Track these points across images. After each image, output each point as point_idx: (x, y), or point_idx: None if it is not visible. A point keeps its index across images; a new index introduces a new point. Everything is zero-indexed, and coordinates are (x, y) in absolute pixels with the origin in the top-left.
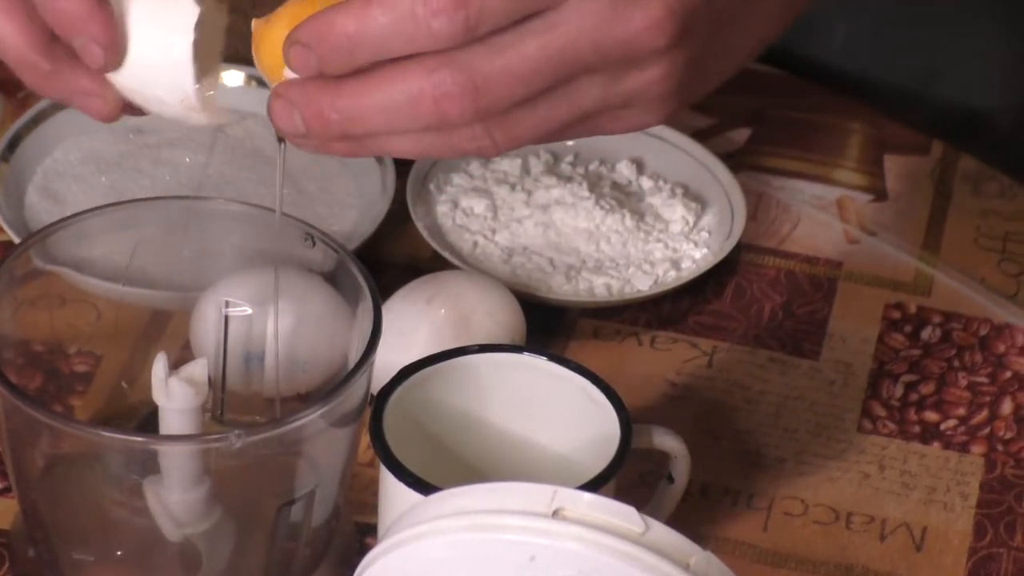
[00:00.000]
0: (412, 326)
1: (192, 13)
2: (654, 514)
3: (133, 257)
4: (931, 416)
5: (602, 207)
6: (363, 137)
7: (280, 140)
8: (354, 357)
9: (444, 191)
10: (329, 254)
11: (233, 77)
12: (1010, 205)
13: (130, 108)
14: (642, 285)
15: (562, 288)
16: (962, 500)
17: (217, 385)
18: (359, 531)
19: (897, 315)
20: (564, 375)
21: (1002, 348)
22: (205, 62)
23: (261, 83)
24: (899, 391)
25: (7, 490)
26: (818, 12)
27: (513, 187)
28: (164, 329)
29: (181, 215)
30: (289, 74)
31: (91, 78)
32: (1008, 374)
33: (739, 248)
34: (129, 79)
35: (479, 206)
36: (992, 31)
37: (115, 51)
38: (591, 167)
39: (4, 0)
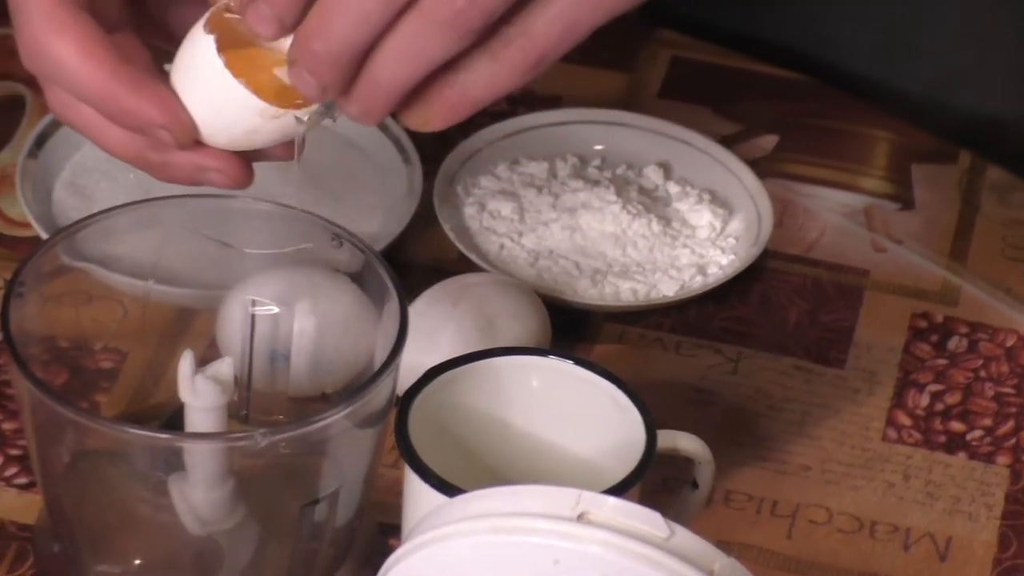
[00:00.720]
0: (437, 328)
1: (208, 43)
2: (678, 520)
3: (160, 255)
4: (956, 426)
5: (629, 211)
6: (368, 69)
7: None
8: (380, 358)
9: (471, 193)
10: (356, 254)
11: None
12: None
13: (266, 156)
14: (668, 290)
15: (588, 292)
16: (987, 511)
17: (243, 384)
18: (382, 532)
19: (923, 324)
20: (589, 379)
21: None
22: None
23: None
24: (925, 401)
25: (32, 485)
26: (844, 20)
27: (540, 190)
28: (190, 327)
29: (207, 213)
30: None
31: (200, 155)
32: None
33: (765, 255)
34: (216, 136)
35: (506, 209)
36: (1018, 39)
37: (179, 125)
38: (618, 171)
39: (99, 116)
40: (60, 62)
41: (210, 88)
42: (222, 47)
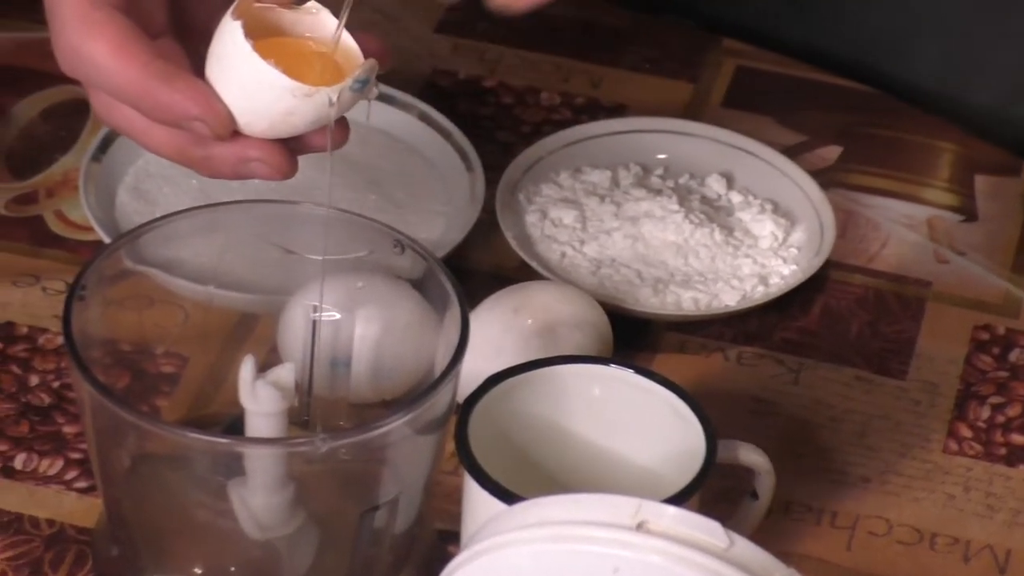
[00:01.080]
0: (499, 336)
1: (237, 30)
2: (737, 530)
3: (222, 259)
4: (1017, 439)
5: (691, 221)
6: None
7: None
8: (440, 365)
9: (533, 201)
10: (418, 261)
11: None
12: None
13: (306, 146)
14: (730, 300)
15: (649, 301)
16: None
17: (303, 390)
18: (441, 539)
19: (985, 336)
20: (650, 388)
21: None
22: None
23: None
24: (985, 413)
25: (92, 489)
26: (908, 31)
27: (602, 199)
28: (251, 332)
29: (270, 219)
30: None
31: (241, 145)
32: None
33: (828, 265)
34: (255, 125)
35: (568, 217)
36: None
37: (216, 116)
38: (681, 180)
39: (141, 116)
40: (94, 62)
41: (242, 74)
42: (249, 32)
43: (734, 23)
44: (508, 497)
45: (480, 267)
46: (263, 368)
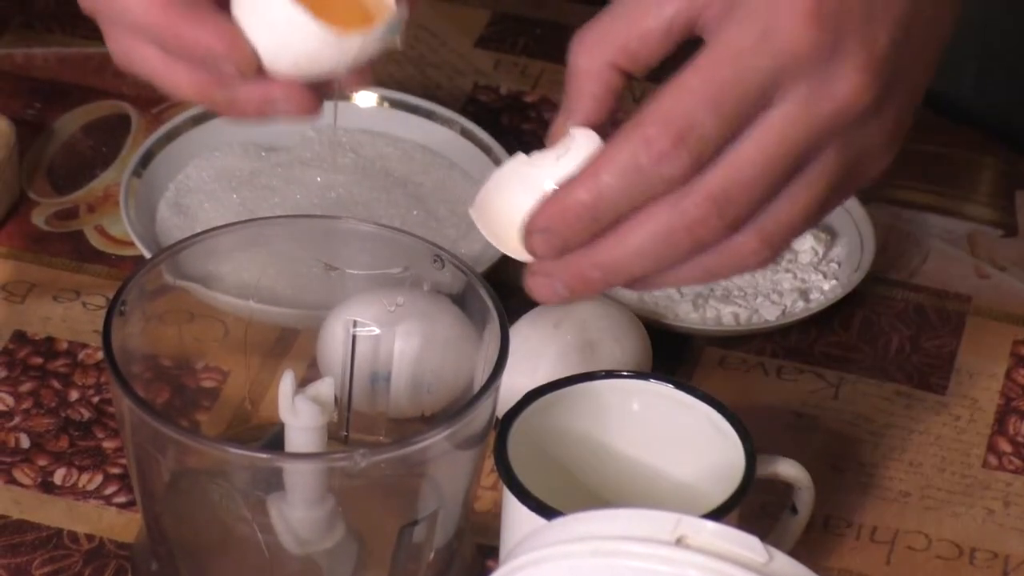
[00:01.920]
0: (538, 350)
1: None
2: (777, 545)
3: (262, 274)
4: None
5: None
6: (636, 280)
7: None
8: (480, 379)
9: None
10: (458, 276)
11: (365, 98)
12: None
13: (328, 88)
14: (770, 315)
15: (689, 316)
16: None
17: (343, 404)
18: (481, 553)
19: None
20: (690, 403)
21: None
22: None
23: (393, 103)
24: None
25: (132, 504)
26: (949, 47)
27: None
28: (291, 347)
29: (311, 234)
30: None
31: (266, 85)
32: None
33: (868, 280)
34: (279, 64)
35: None
36: None
37: (241, 55)
38: None
39: (162, 55)
40: (120, 2)
41: (271, 15)
42: None
43: None
44: (547, 512)
45: (520, 282)
46: (303, 383)
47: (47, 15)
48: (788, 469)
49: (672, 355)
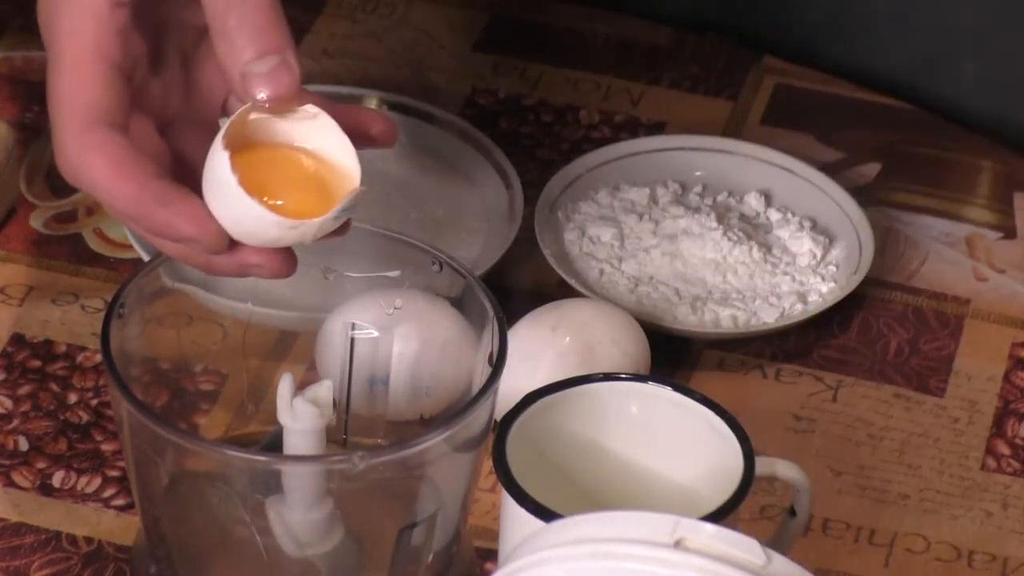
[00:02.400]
0: (537, 353)
1: (223, 160)
2: (775, 547)
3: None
4: None
5: (730, 238)
6: None
7: None
8: (478, 382)
9: (572, 219)
10: (456, 279)
11: (364, 101)
12: None
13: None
14: (768, 318)
15: (688, 319)
16: None
17: (341, 407)
18: (479, 556)
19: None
20: (688, 405)
21: None
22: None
23: (392, 106)
24: None
25: (130, 507)
26: (948, 50)
27: (641, 216)
28: (290, 350)
29: None
30: None
31: (240, 254)
32: None
33: (866, 283)
34: (247, 240)
35: (606, 235)
36: None
37: (210, 237)
38: (719, 198)
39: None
40: (93, 182)
41: (229, 203)
42: (236, 163)
43: (776, 41)
44: (545, 515)
45: (518, 285)
46: (301, 385)
47: None
48: (786, 471)
49: (671, 358)
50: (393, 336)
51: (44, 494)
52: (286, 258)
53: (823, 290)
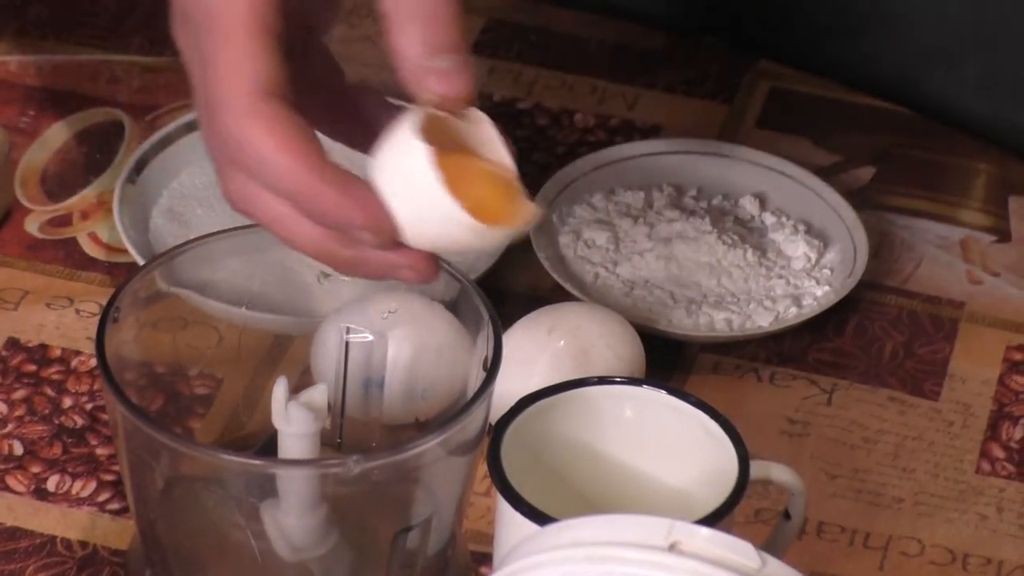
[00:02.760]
0: (532, 357)
1: (422, 152)
2: (770, 551)
3: (256, 281)
4: None
5: (724, 242)
6: None
7: None
8: (473, 386)
9: (567, 222)
10: (451, 283)
11: None
12: None
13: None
14: (763, 321)
15: (682, 322)
16: None
17: (336, 411)
18: (474, 560)
19: (1019, 357)
20: (683, 409)
21: None
22: (472, 180)
23: None
24: (1019, 433)
25: (125, 511)
26: (950, 51)
27: (636, 220)
28: (285, 353)
29: None
30: None
31: (396, 253)
32: None
33: (861, 286)
34: (416, 239)
35: (601, 238)
36: None
37: (382, 227)
38: (714, 201)
39: (291, 210)
40: (259, 155)
41: (421, 200)
42: (437, 159)
43: (769, 42)
44: (540, 518)
45: (514, 288)
46: (296, 389)
47: (41, 22)
48: (781, 475)
49: (665, 361)
50: (388, 340)
51: (39, 498)
52: (435, 263)
53: (818, 293)
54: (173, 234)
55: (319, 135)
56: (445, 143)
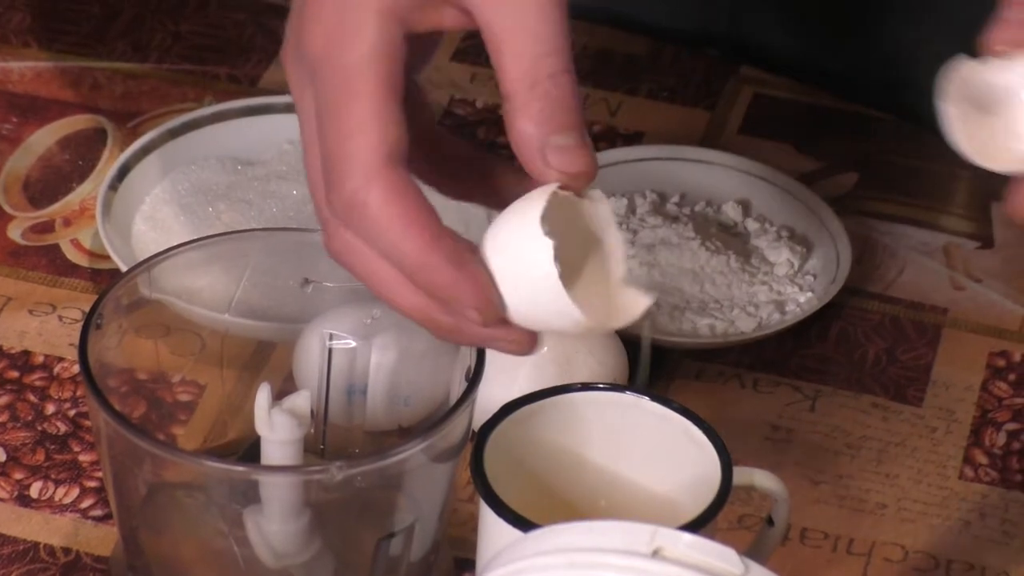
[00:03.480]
0: (514, 363)
1: (546, 248)
2: (753, 557)
3: (238, 288)
4: None
5: (707, 248)
6: None
7: None
8: (456, 392)
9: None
10: None
11: None
12: None
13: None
14: (746, 327)
15: (665, 328)
16: None
17: (319, 417)
18: (457, 566)
19: (1002, 363)
20: (666, 415)
21: None
22: (584, 273)
23: None
24: (1002, 439)
25: (108, 517)
26: (929, 60)
27: (619, 226)
28: (267, 360)
29: (287, 247)
30: None
31: (498, 330)
32: None
33: (844, 292)
34: (522, 320)
35: None
36: None
37: (491, 308)
38: (697, 208)
39: (396, 274)
40: (379, 222)
41: (539, 294)
42: (558, 252)
43: (752, 47)
44: (523, 525)
45: None
46: (279, 396)
47: (23, 29)
48: (765, 481)
49: (649, 367)
50: (371, 346)
51: (22, 505)
52: (536, 337)
53: (801, 300)
54: (156, 241)
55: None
56: (562, 223)
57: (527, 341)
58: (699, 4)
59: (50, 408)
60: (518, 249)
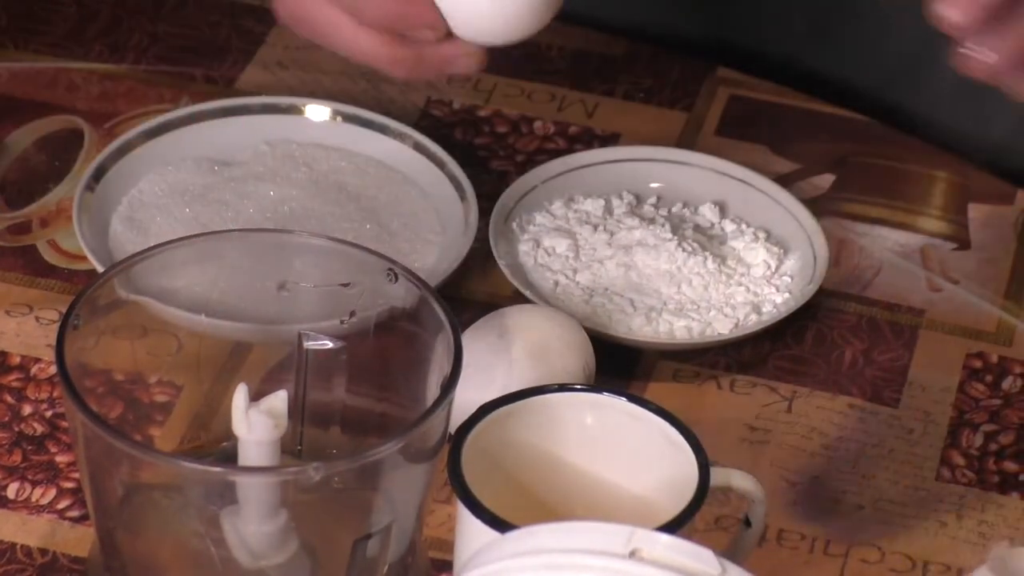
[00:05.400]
0: (486, 361)
1: None
2: (730, 558)
3: (215, 288)
4: (1010, 466)
5: (684, 249)
6: None
7: None
8: (433, 393)
9: (527, 230)
10: (411, 290)
11: (319, 112)
12: None
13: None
14: (723, 328)
15: (642, 329)
16: None
17: (296, 418)
18: (435, 567)
19: (978, 364)
20: (643, 416)
21: None
22: None
23: (346, 118)
24: (978, 441)
25: (85, 518)
26: (921, 61)
27: (596, 228)
28: (245, 361)
29: (264, 248)
30: None
31: (448, 46)
32: None
33: (821, 293)
34: (467, 31)
35: (561, 246)
36: None
37: (441, 22)
38: (674, 209)
39: (350, 20)
40: None
41: None
42: None
43: (729, 47)
44: (501, 526)
45: (474, 296)
46: (256, 397)
47: None
48: (742, 482)
49: (625, 369)
50: (346, 346)
51: None
52: (484, 51)
53: (777, 301)
54: (133, 241)
55: None
56: None
57: (478, 52)
58: (676, 6)
59: (27, 409)
60: None
